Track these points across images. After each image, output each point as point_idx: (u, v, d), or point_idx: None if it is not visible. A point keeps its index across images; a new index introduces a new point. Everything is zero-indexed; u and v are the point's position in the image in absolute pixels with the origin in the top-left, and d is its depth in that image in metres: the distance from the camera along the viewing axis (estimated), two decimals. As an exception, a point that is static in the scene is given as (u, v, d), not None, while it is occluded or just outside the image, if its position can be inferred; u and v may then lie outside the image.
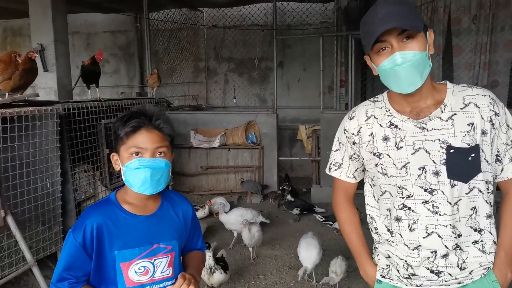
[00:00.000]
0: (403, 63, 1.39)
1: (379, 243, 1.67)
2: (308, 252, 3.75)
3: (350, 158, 1.68)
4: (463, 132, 1.46)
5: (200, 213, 5.42)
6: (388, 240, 1.60)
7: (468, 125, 1.46)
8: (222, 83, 9.10)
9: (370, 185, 1.68)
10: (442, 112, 1.49)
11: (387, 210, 1.59)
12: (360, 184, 1.76)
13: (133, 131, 1.47)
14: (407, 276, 1.57)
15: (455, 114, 1.48)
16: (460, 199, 1.47)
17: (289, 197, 5.73)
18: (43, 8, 5.67)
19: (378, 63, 1.46)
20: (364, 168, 1.68)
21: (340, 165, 1.72)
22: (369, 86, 7.82)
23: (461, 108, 1.48)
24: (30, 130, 3.55)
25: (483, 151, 1.47)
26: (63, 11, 5.94)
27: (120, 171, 1.53)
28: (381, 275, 1.66)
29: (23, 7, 6.19)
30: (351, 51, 6.51)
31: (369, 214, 1.69)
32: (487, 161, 1.49)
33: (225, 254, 3.87)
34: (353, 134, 1.63)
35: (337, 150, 1.72)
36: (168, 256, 1.57)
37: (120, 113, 4.49)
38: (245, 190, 6.57)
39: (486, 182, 1.49)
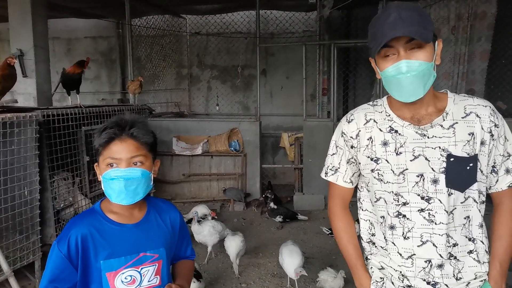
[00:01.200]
0: (407, 72, 1.38)
1: (371, 254, 1.64)
2: (291, 259, 3.73)
3: (347, 162, 1.64)
4: (464, 141, 1.46)
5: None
6: (383, 248, 1.58)
7: (469, 134, 1.46)
8: (205, 90, 9.08)
9: (367, 190, 1.65)
10: (444, 120, 1.48)
11: (381, 217, 1.57)
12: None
13: (107, 142, 1.46)
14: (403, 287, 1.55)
15: (457, 122, 1.47)
16: (455, 208, 1.47)
17: (272, 204, 5.72)
18: (22, 13, 5.58)
19: (382, 68, 1.45)
20: (360, 173, 1.65)
21: (337, 169, 1.68)
22: (351, 94, 7.90)
23: (462, 117, 1.48)
24: (8, 137, 3.47)
25: (479, 161, 1.47)
26: (43, 16, 5.85)
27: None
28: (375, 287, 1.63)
29: (2, 11, 6.08)
30: (333, 60, 6.57)
31: (368, 220, 1.65)
32: (482, 171, 1.49)
33: (197, 266, 3.81)
34: (351, 137, 1.60)
35: (333, 154, 1.69)
36: (155, 265, 1.55)
37: (101, 119, 4.45)
38: (227, 198, 6.54)
39: (479, 191, 1.49)
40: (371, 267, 1.65)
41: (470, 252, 1.50)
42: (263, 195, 6.23)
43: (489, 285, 1.53)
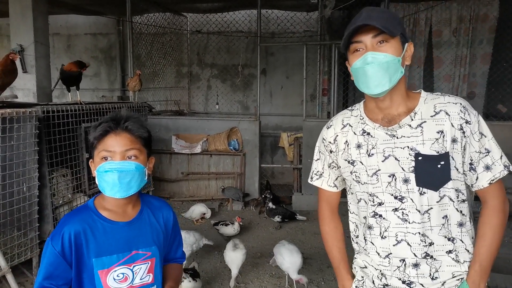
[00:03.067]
0: (372, 62, 1.43)
1: (358, 253, 1.68)
2: (292, 258, 3.70)
3: (329, 167, 1.70)
4: (432, 140, 1.46)
5: (229, 230, 4.99)
6: (363, 249, 1.62)
7: (438, 132, 1.46)
8: (204, 89, 9.06)
9: (351, 192, 1.68)
10: (412, 119, 1.50)
11: (364, 218, 1.61)
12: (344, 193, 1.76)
13: (102, 135, 1.47)
14: (382, 287, 1.57)
15: (425, 121, 1.48)
16: (432, 208, 1.47)
17: (270, 204, 5.71)
18: (23, 8, 5.55)
19: (351, 63, 1.50)
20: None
21: (321, 174, 1.74)
22: (351, 95, 7.89)
23: (431, 116, 1.48)
24: (8, 132, 3.45)
25: (453, 159, 1.46)
26: (43, 12, 5.82)
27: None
28: (356, 286, 1.68)
29: (2, 6, 6.06)
30: (334, 60, 6.57)
31: (354, 222, 1.68)
32: (457, 169, 1.48)
33: (197, 266, 3.80)
34: (330, 142, 1.66)
35: (318, 159, 1.75)
36: (148, 262, 1.55)
37: (101, 116, 4.42)
38: (226, 197, 6.53)
39: (456, 190, 1.49)
40: (355, 267, 1.70)
41: (449, 252, 1.50)
42: (262, 195, 6.22)
43: (467, 284, 1.51)
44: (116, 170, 1.44)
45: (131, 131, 1.49)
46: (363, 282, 1.64)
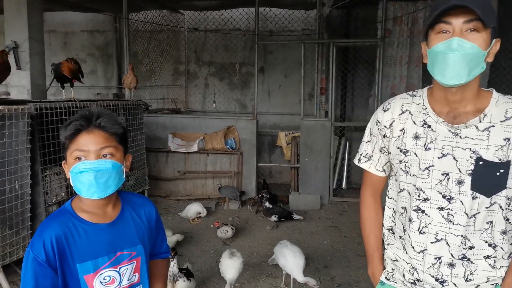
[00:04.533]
0: (457, 50, 1.32)
1: (388, 244, 1.67)
2: (296, 259, 3.63)
3: (380, 151, 1.65)
4: (497, 146, 1.40)
5: (219, 233, 4.90)
6: (401, 238, 1.59)
7: (504, 139, 1.40)
8: (202, 87, 9.00)
9: (395, 179, 1.63)
10: (480, 121, 1.42)
11: (402, 208, 1.58)
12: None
13: (74, 135, 1.39)
14: (412, 281, 1.56)
15: (493, 126, 1.41)
16: (479, 212, 1.43)
17: (267, 204, 5.66)
18: (18, 4, 5.49)
19: (432, 44, 1.38)
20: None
21: (370, 157, 1.69)
22: (349, 94, 7.86)
23: (501, 121, 1.41)
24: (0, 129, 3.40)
25: None
26: (39, 8, 5.76)
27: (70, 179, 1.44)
28: (386, 277, 1.67)
29: (-3, 2, 5.99)
30: (332, 59, 6.53)
31: (392, 208, 1.66)
32: None
33: (190, 267, 3.73)
34: (385, 126, 1.59)
35: (368, 141, 1.70)
36: (134, 262, 1.52)
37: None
38: (223, 196, 6.48)
39: (508, 198, 1.44)
40: (385, 259, 1.69)
41: (487, 257, 1.46)
42: (259, 194, 6.18)
43: None
44: (91, 170, 1.37)
45: (105, 128, 1.41)
46: (393, 274, 1.64)
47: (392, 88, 6.80)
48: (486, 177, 1.41)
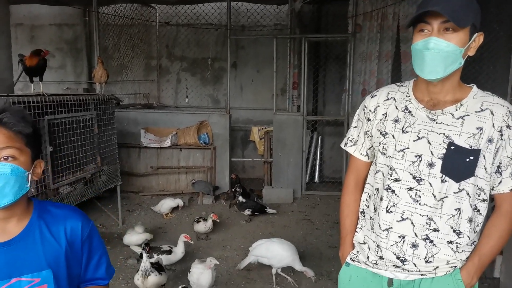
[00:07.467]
0: (433, 48, 1.43)
1: (360, 228, 1.74)
2: (290, 248, 3.78)
3: (365, 134, 1.73)
4: (469, 134, 1.49)
5: (200, 227, 4.82)
6: (371, 218, 1.67)
7: (477, 128, 1.49)
8: (174, 82, 8.93)
9: (373, 162, 1.73)
10: (456, 110, 1.52)
11: (376, 189, 1.67)
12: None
13: None
14: (375, 262, 1.64)
15: (468, 115, 1.51)
16: (447, 197, 1.51)
17: (240, 198, 5.70)
18: (-18, -4, 5.32)
19: (414, 41, 1.49)
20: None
21: (355, 141, 1.77)
22: (320, 89, 7.96)
23: (476, 112, 1.51)
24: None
25: (484, 158, 1.49)
26: (4, 1, 5.59)
27: None
28: (350, 258, 1.76)
29: (-41, -6, 5.77)
30: (304, 54, 6.59)
31: (367, 193, 1.74)
32: (485, 168, 1.50)
33: (161, 261, 3.73)
34: (370, 110, 1.69)
35: (355, 127, 1.78)
36: None
37: (65, 108, 4.29)
38: (196, 191, 6.48)
39: (476, 187, 1.52)
40: (354, 242, 1.77)
41: (451, 242, 1.53)
42: (233, 189, 6.20)
43: (459, 273, 1.56)
44: None
45: (7, 125, 1.20)
46: (357, 256, 1.73)
47: (363, 83, 6.92)
48: (456, 162, 1.49)
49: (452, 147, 1.49)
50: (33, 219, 1.29)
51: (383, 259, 1.60)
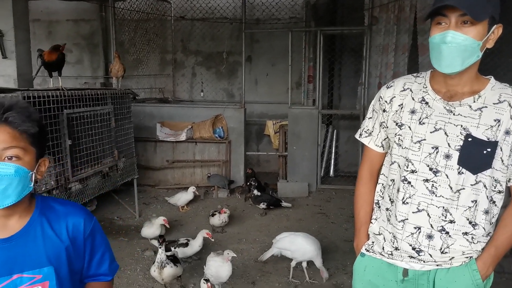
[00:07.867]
0: (450, 42, 1.42)
1: (376, 219, 1.74)
2: (315, 243, 3.78)
3: (380, 125, 1.72)
4: (487, 126, 1.48)
5: (216, 220, 4.86)
6: (388, 210, 1.66)
7: (495, 120, 1.48)
8: (189, 76, 8.98)
9: (389, 154, 1.72)
10: (474, 101, 1.51)
11: (391, 180, 1.65)
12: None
13: None
14: (390, 252, 1.64)
15: (486, 107, 1.50)
16: (464, 188, 1.50)
17: (255, 191, 5.72)
18: (1, -8, 5.41)
19: (431, 34, 1.49)
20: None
21: (370, 132, 1.76)
22: (336, 82, 7.91)
23: (494, 103, 1.50)
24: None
25: (501, 150, 1.48)
26: (23, -4, 5.69)
27: None
28: (365, 249, 1.75)
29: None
30: (319, 47, 6.56)
31: (381, 184, 1.74)
32: (502, 161, 1.50)
33: (177, 254, 3.78)
34: (385, 101, 1.68)
35: (370, 118, 1.77)
36: (39, 287, 1.24)
37: (84, 103, 4.36)
38: (211, 185, 6.52)
39: (493, 179, 1.51)
40: (369, 233, 1.77)
41: (466, 233, 1.53)
42: (247, 183, 6.23)
43: (475, 263, 1.56)
44: None
45: (13, 124, 1.16)
46: (372, 246, 1.73)
47: (379, 76, 6.86)
48: (473, 154, 1.48)
49: (470, 139, 1.48)
50: (35, 216, 1.27)
51: (398, 249, 1.60)
